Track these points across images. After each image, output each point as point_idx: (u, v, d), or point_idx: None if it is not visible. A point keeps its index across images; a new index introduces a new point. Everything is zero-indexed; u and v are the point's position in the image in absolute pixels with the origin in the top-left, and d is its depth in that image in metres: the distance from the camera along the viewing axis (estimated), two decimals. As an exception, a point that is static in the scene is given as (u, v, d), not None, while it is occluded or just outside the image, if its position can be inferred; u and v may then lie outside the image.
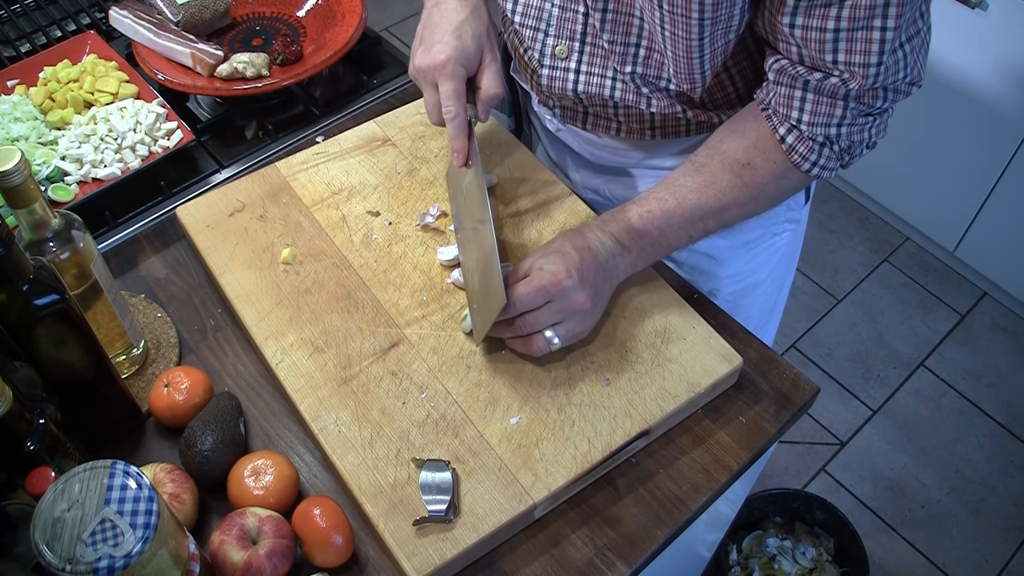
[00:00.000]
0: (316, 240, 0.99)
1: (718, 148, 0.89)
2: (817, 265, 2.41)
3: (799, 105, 0.83)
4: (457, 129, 0.90)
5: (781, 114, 0.85)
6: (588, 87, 0.95)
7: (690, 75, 0.87)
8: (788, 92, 0.83)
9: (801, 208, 1.12)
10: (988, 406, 2.14)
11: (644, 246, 0.89)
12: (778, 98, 0.85)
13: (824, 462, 2.04)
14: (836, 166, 0.87)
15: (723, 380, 0.89)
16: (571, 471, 0.81)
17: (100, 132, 1.09)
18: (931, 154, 2.19)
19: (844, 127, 0.83)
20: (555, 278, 0.83)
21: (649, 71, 0.91)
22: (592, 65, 0.93)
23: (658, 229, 0.88)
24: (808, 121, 0.83)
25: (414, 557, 0.76)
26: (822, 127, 0.83)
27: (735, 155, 0.87)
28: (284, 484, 0.80)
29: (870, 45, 0.75)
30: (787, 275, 1.28)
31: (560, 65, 0.95)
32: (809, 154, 0.85)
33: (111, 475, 0.62)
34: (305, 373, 0.88)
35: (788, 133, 0.85)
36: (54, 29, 1.34)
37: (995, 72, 1.93)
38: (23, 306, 0.71)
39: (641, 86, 0.92)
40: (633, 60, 0.90)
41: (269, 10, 1.33)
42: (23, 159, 0.71)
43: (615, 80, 0.93)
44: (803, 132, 0.84)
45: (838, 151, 0.86)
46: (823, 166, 0.86)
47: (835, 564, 1.73)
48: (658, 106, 0.94)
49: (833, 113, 0.82)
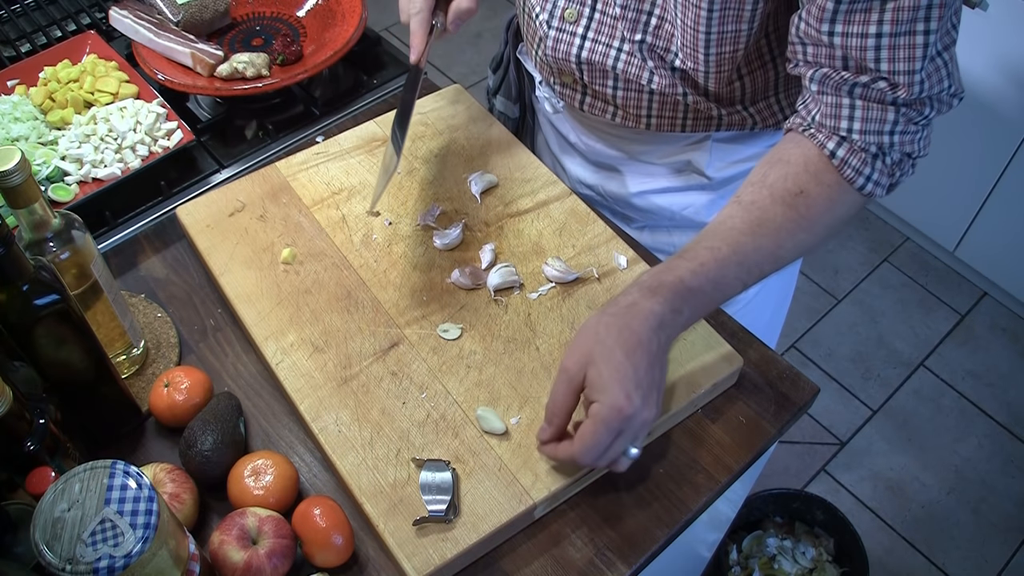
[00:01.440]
0: (316, 240, 0.99)
1: (763, 181, 0.81)
2: (817, 265, 2.41)
3: (848, 114, 0.78)
4: (417, 25, 0.93)
5: (829, 127, 0.79)
6: (592, 54, 0.94)
7: (695, 52, 0.86)
8: (835, 101, 0.79)
9: None
10: (988, 406, 2.14)
11: (697, 305, 0.78)
12: (824, 108, 0.80)
13: (824, 462, 2.04)
14: (887, 183, 0.81)
15: (723, 380, 0.89)
16: (571, 471, 0.81)
17: (100, 132, 1.09)
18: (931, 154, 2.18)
19: (896, 135, 0.78)
20: (619, 414, 0.73)
21: (658, 42, 0.89)
22: (599, 33, 0.93)
23: (712, 283, 0.78)
24: (860, 129, 0.78)
25: (414, 557, 0.76)
26: (874, 135, 0.78)
27: (784, 185, 0.80)
28: (284, 484, 0.80)
29: (913, 51, 0.73)
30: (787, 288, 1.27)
31: (567, 28, 0.95)
32: (863, 167, 0.79)
33: (111, 475, 0.62)
34: (305, 373, 0.88)
35: (838, 147, 0.79)
36: (54, 29, 1.34)
37: (995, 72, 1.93)
38: (23, 306, 0.71)
39: (647, 57, 0.91)
40: (644, 28, 0.89)
41: (269, 10, 1.33)
42: (23, 159, 0.71)
43: (620, 51, 0.92)
44: (855, 143, 0.79)
45: (889, 164, 0.81)
46: (876, 181, 0.80)
47: (835, 564, 1.73)
48: (659, 84, 0.93)
49: (885, 119, 0.78)
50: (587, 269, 0.96)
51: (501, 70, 1.19)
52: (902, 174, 0.82)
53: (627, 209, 1.11)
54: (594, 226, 1.01)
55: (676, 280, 0.77)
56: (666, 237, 1.11)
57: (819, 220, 0.81)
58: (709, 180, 1.04)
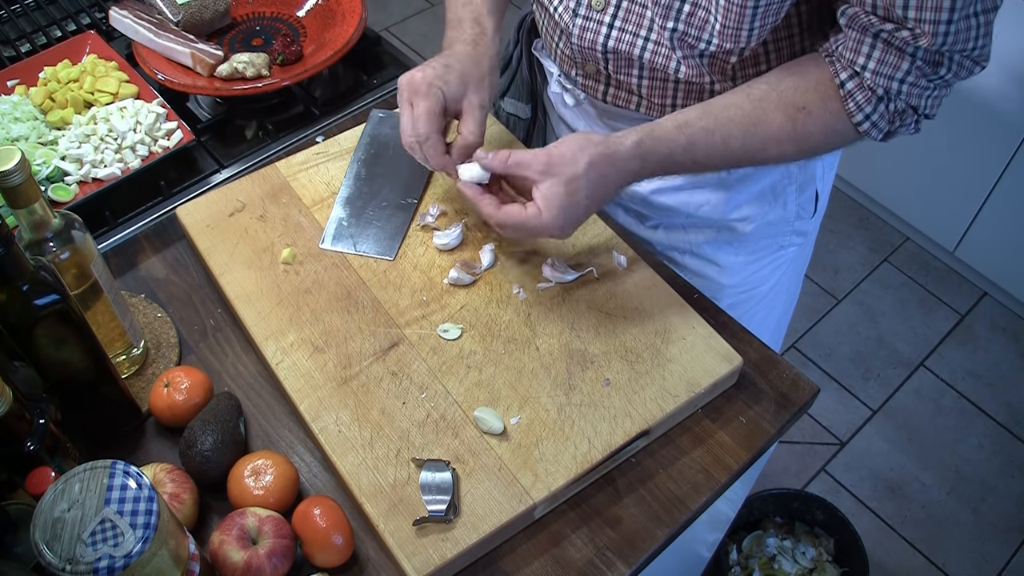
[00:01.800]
0: (316, 240, 0.99)
1: (777, 85, 0.86)
2: (817, 265, 2.41)
3: (867, 52, 0.81)
4: (432, 150, 0.89)
5: (846, 59, 0.83)
6: (619, 43, 0.93)
7: (738, 30, 0.85)
8: (858, 37, 0.81)
9: (810, 219, 1.11)
10: (988, 406, 2.14)
11: (669, 172, 0.89)
12: (847, 42, 0.82)
13: (824, 462, 2.04)
14: (885, 127, 0.85)
15: (723, 380, 0.89)
16: (571, 471, 0.81)
17: (100, 132, 1.09)
18: (931, 154, 2.19)
19: (906, 84, 0.81)
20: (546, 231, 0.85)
21: (690, 29, 0.89)
22: (627, 22, 0.92)
23: (692, 161, 0.87)
24: (873, 69, 0.81)
25: (414, 557, 0.76)
26: (885, 78, 0.81)
27: (793, 96, 0.85)
28: (284, 484, 0.80)
29: (942, 1, 0.74)
30: (792, 291, 1.27)
31: (595, 17, 0.94)
32: (865, 104, 0.83)
33: (111, 475, 0.62)
34: (305, 373, 0.88)
35: (849, 79, 0.83)
36: (54, 29, 1.34)
37: (995, 72, 1.93)
38: (23, 306, 0.71)
39: (677, 47, 0.91)
40: (676, 16, 0.88)
41: (269, 10, 1.33)
42: (23, 159, 0.71)
43: (647, 40, 0.92)
44: (864, 80, 0.82)
45: (892, 111, 0.84)
46: (874, 123, 0.84)
47: (835, 564, 1.73)
48: (686, 73, 0.92)
49: (899, 66, 0.80)
50: (587, 269, 0.96)
51: (510, 71, 1.19)
52: (902, 125, 0.85)
53: (641, 207, 1.11)
54: (594, 226, 1.01)
55: (668, 154, 0.86)
56: (682, 235, 1.10)
57: (810, 139, 0.86)
58: (725, 176, 1.04)
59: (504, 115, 1.22)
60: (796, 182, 1.06)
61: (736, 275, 1.12)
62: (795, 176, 1.05)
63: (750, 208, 1.06)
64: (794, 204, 1.08)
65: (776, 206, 1.07)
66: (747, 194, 1.05)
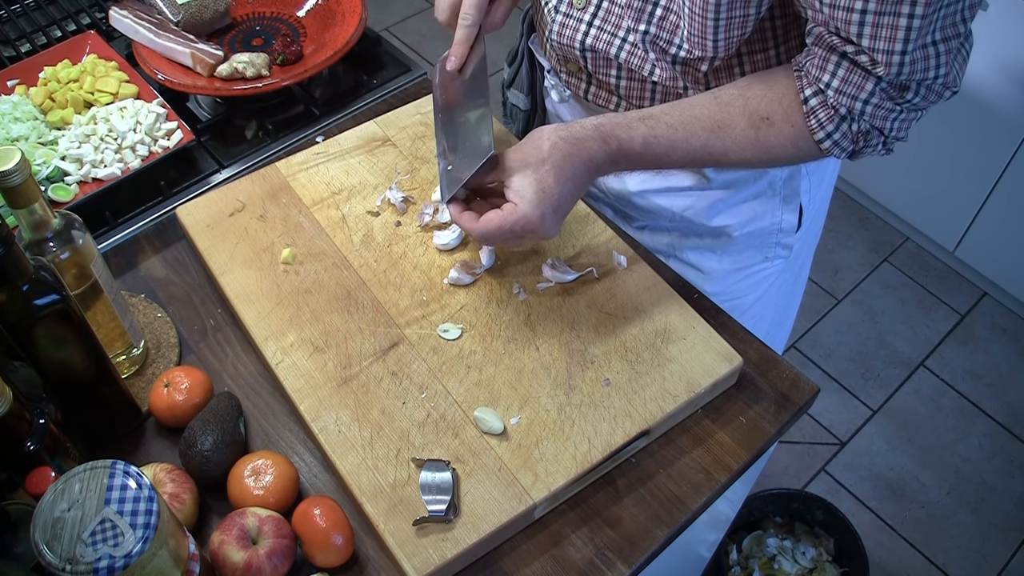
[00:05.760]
0: (316, 240, 0.99)
1: (744, 92, 0.86)
2: (817, 265, 2.41)
3: (832, 69, 0.80)
4: (465, 34, 0.94)
5: (812, 75, 0.82)
6: (596, 42, 0.94)
7: (703, 39, 0.86)
8: (824, 55, 0.81)
9: (792, 233, 1.11)
10: (988, 406, 2.14)
11: (632, 166, 0.89)
12: (813, 59, 0.82)
13: (824, 462, 2.04)
14: (849, 147, 0.84)
15: (723, 380, 0.89)
16: (571, 471, 0.81)
17: (100, 132, 1.09)
18: (931, 154, 2.19)
19: (870, 106, 0.80)
20: (528, 225, 0.84)
21: (662, 33, 0.90)
22: (605, 22, 0.93)
23: (655, 157, 0.88)
24: (836, 88, 0.80)
25: (414, 557, 0.76)
26: (848, 97, 0.80)
27: (758, 105, 0.85)
28: (284, 484, 0.80)
29: (895, 32, 0.73)
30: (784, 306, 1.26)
31: (574, 15, 0.95)
32: (827, 123, 0.82)
33: (111, 475, 0.62)
34: (305, 373, 0.88)
35: (813, 95, 0.82)
36: (54, 29, 1.34)
37: (995, 72, 1.93)
38: (23, 306, 0.71)
39: (649, 50, 0.91)
40: (648, 19, 0.89)
41: (269, 10, 1.33)
42: (23, 159, 0.71)
43: (624, 41, 0.93)
44: (828, 98, 0.82)
45: (855, 132, 0.83)
46: (836, 142, 0.83)
47: (835, 564, 1.73)
48: (660, 76, 0.93)
49: (863, 87, 0.79)
50: (587, 269, 0.96)
51: (516, 63, 1.20)
52: (867, 146, 0.85)
53: (628, 207, 1.11)
54: (594, 226, 1.01)
55: (628, 140, 0.86)
56: (666, 238, 1.11)
57: (771, 150, 0.86)
58: (709, 181, 1.04)
59: (508, 106, 1.23)
60: (780, 195, 1.06)
61: (719, 283, 1.12)
62: (779, 189, 1.06)
63: (733, 216, 1.06)
64: (778, 216, 1.08)
65: (760, 216, 1.07)
66: (730, 202, 1.05)
